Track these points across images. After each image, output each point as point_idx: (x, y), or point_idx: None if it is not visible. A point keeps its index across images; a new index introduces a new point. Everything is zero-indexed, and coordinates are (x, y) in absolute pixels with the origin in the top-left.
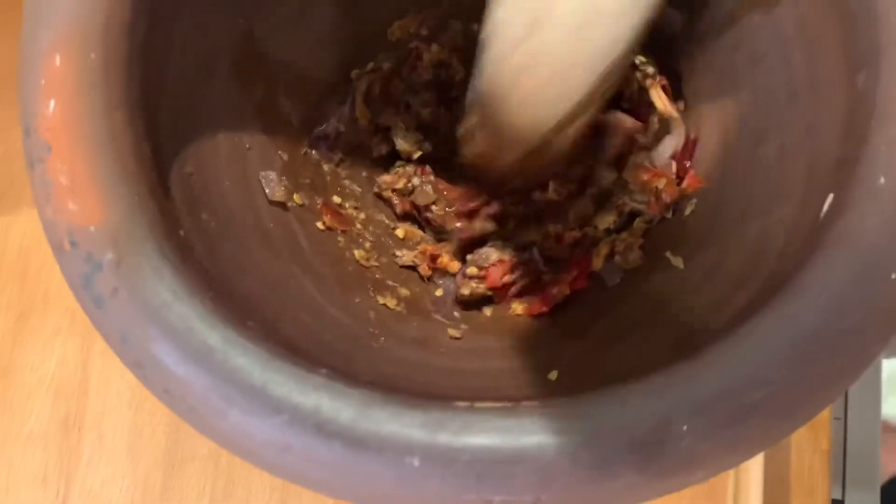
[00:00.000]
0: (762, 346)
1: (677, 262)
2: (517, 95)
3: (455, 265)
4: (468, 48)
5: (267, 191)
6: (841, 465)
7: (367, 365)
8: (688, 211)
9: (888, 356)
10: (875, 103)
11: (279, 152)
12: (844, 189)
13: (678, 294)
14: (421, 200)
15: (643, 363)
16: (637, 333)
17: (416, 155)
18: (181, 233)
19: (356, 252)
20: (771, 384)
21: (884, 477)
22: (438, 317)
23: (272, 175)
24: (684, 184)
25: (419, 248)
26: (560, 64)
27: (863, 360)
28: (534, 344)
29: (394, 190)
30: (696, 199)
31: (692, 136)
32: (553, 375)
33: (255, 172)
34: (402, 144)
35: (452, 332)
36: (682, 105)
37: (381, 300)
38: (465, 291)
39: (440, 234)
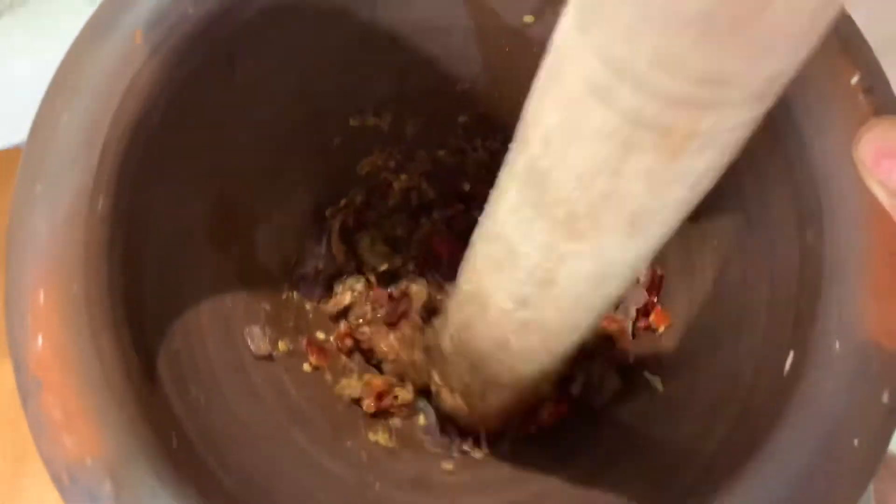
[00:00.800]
0: None
1: (656, 382)
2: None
3: (409, 395)
4: (435, 172)
5: (252, 347)
6: None
7: None
8: (661, 329)
9: None
10: (823, 262)
11: (261, 303)
12: (804, 348)
13: (660, 419)
14: (356, 314)
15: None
16: (624, 462)
17: (383, 267)
18: (174, 443)
19: (343, 385)
20: None
21: None
22: (430, 447)
23: (256, 330)
24: (651, 318)
25: (365, 378)
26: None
27: None
28: (527, 472)
29: (337, 317)
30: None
31: (658, 272)
32: None
33: (239, 330)
34: (367, 257)
35: (445, 465)
36: None
37: (372, 437)
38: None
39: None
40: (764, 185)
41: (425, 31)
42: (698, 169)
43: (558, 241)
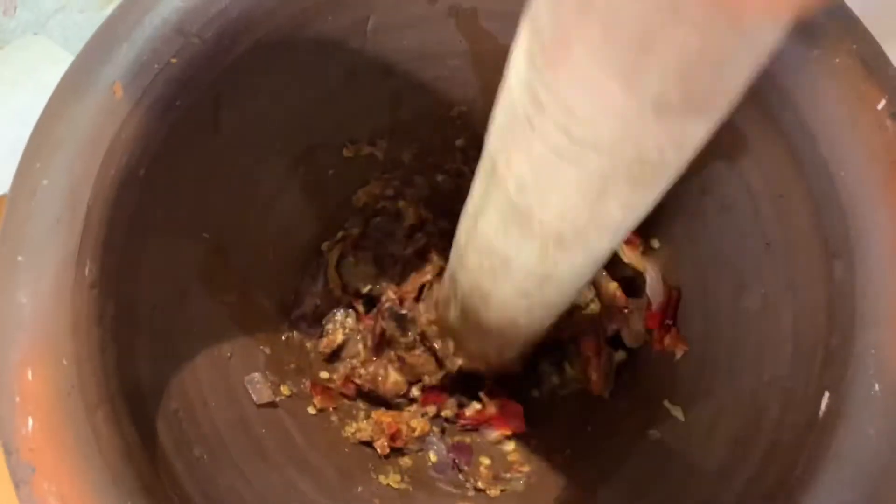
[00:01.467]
0: None
1: (677, 412)
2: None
3: (426, 426)
4: (433, 197)
5: (254, 397)
6: None
7: None
8: (678, 355)
9: None
10: (856, 299)
11: (261, 347)
12: (839, 391)
13: (683, 451)
14: (350, 353)
15: None
16: (645, 499)
17: (366, 289)
18: None
19: (354, 429)
20: None
21: None
22: (444, 486)
23: (257, 377)
24: (666, 342)
25: (373, 416)
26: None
27: None
28: None
29: (331, 357)
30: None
31: (674, 293)
32: None
33: (240, 379)
34: (350, 279)
35: None
36: (656, 243)
37: (383, 480)
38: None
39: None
40: (783, 210)
41: (418, 59)
42: (672, 174)
43: (550, 253)
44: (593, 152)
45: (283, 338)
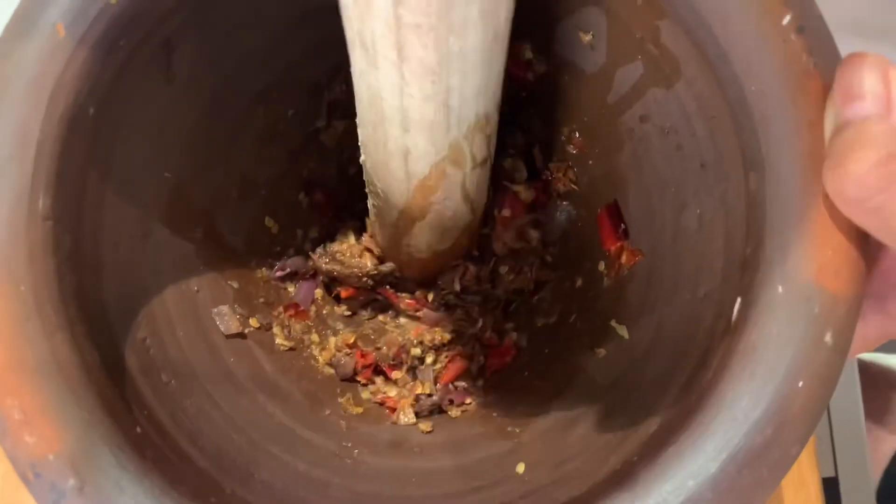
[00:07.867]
0: (691, 469)
1: (622, 331)
2: None
3: (411, 414)
4: None
5: (222, 327)
6: (829, 444)
7: (344, 490)
8: (625, 274)
9: None
10: (766, 209)
11: (229, 282)
12: (749, 294)
13: (627, 366)
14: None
15: (596, 461)
16: (594, 413)
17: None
18: (138, 430)
19: (321, 355)
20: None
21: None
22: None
23: (224, 309)
24: (623, 258)
25: (381, 394)
26: None
27: (784, 465)
28: (501, 428)
29: None
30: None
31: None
32: (521, 468)
33: (208, 311)
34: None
35: (423, 426)
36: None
37: (347, 405)
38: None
39: None
40: (714, 130)
41: None
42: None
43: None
44: None
45: (252, 274)
